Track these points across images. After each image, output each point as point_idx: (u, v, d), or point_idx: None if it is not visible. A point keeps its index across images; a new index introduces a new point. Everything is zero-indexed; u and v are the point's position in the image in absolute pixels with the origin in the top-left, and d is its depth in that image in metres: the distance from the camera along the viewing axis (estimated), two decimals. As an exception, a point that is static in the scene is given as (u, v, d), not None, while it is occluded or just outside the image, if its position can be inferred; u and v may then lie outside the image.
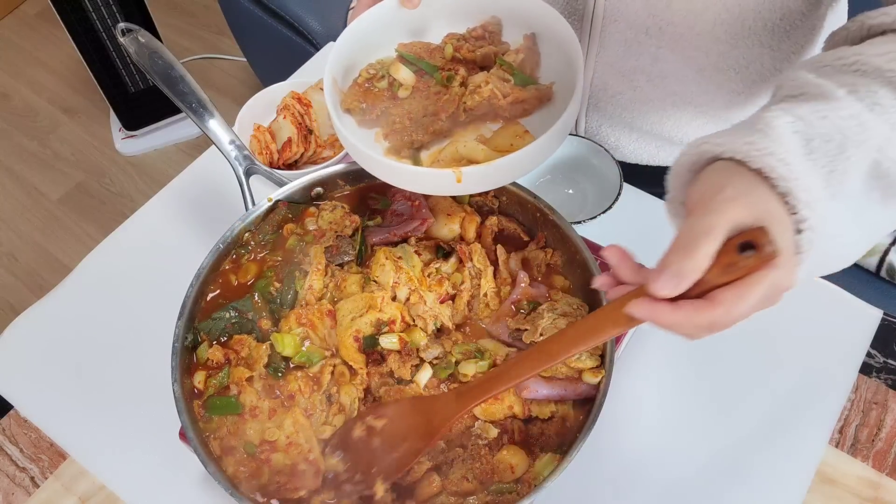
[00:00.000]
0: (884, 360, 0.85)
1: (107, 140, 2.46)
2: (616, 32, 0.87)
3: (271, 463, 0.66)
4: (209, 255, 0.75)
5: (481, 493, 0.65)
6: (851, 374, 0.84)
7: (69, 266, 1.02)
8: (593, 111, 1.01)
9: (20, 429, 0.86)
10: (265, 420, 0.68)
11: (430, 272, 0.75)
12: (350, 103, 0.77)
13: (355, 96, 0.77)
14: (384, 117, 0.76)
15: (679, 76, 0.90)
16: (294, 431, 0.67)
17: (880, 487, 0.77)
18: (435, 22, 0.81)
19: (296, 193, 0.81)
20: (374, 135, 0.77)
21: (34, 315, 0.95)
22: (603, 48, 0.90)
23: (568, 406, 0.70)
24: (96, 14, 2.08)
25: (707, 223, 0.49)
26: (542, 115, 0.76)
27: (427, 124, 0.74)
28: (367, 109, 0.76)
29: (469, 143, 0.73)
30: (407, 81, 0.77)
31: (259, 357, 0.70)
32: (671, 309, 0.50)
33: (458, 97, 0.74)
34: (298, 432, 0.67)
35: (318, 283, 0.75)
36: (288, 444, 0.66)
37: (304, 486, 0.65)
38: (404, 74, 0.77)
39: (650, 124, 0.98)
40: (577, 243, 0.74)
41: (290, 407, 0.69)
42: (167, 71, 0.82)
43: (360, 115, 0.77)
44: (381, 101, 0.76)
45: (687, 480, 0.78)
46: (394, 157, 0.74)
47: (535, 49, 0.78)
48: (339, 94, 0.77)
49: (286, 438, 0.67)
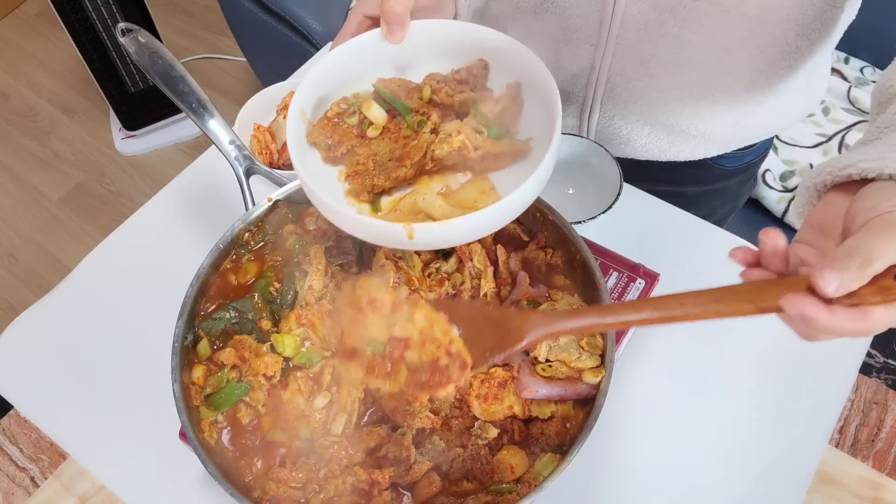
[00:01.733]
0: (884, 360, 0.85)
1: (107, 140, 2.46)
2: (638, 13, 0.86)
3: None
4: (209, 255, 0.75)
5: (481, 493, 0.65)
6: (851, 374, 0.84)
7: (69, 266, 1.02)
8: (608, 98, 0.99)
9: (20, 429, 0.86)
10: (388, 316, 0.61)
11: (430, 272, 0.75)
12: (316, 137, 0.73)
13: (323, 130, 0.73)
14: (349, 156, 0.72)
15: (700, 61, 0.89)
16: (427, 325, 0.60)
17: (880, 487, 0.77)
18: (421, 58, 0.75)
19: (296, 193, 0.81)
20: (337, 172, 0.73)
21: (34, 315, 0.95)
22: (624, 28, 0.88)
23: (568, 406, 0.70)
24: (96, 14, 2.08)
25: (885, 241, 0.49)
26: (516, 170, 0.70)
27: (391, 169, 0.69)
28: (333, 146, 0.72)
29: (429, 196, 0.69)
30: (378, 121, 0.72)
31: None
32: (828, 312, 0.50)
33: (427, 144, 0.69)
34: (433, 325, 0.60)
35: (318, 283, 0.75)
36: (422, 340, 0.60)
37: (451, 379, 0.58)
38: (376, 113, 0.72)
39: (665, 115, 0.97)
40: (577, 243, 0.74)
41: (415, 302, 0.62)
42: (167, 71, 0.82)
43: (325, 150, 0.73)
44: (349, 139, 0.72)
45: (686, 480, 0.78)
46: (353, 200, 0.70)
47: (518, 100, 0.73)
48: (307, 125, 0.73)
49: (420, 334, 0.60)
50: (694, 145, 1.01)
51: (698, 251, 0.93)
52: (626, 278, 0.83)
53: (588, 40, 0.92)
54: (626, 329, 0.59)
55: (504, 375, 0.70)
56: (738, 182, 1.17)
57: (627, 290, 0.82)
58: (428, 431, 0.69)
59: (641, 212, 0.96)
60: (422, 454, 0.68)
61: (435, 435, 0.69)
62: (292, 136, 0.68)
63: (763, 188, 1.91)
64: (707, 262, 0.92)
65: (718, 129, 0.97)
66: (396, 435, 0.68)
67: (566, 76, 0.98)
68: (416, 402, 0.69)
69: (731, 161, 1.09)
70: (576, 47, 0.93)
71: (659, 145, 1.02)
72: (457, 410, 0.70)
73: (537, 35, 0.96)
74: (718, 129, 0.97)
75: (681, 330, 0.87)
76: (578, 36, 0.92)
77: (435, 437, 0.69)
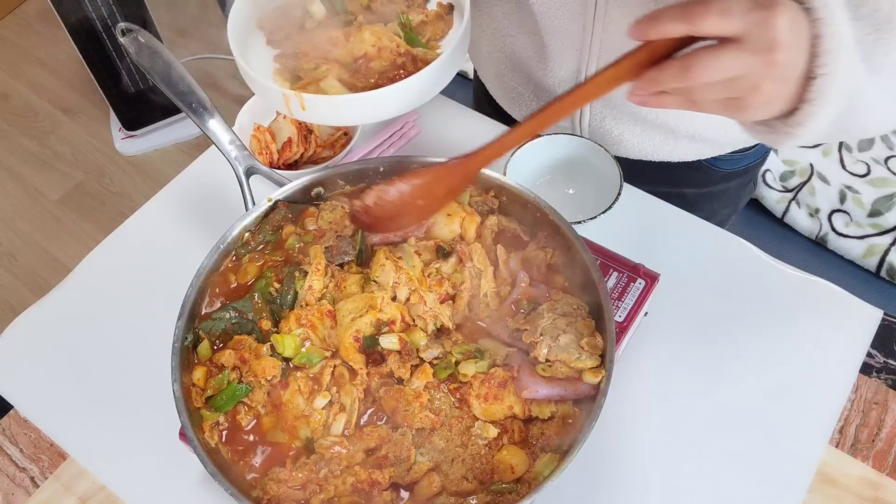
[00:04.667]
0: (884, 360, 0.85)
1: (107, 140, 2.46)
2: (620, 18, 0.86)
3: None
4: (209, 255, 0.75)
5: (481, 493, 0.65)
6: (851, 374, 0.84)
7: (69, 266, 1.02)
8: (597, 101, 1.00)
9: (20, 429, 0.86)
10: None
11: (430, 272, 0.75)
12: (264, 22, 0.87)
13: (271, 18, 0.86)
14: (286, 41, 0.85)
15: None
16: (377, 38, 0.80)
17: (880, 487, 0.77)
18: None
19: (296, 193, 0.81)
20: (274, 55, 0.85)
21: (34, 315, 0.95)
22: (607, 33, 0.89)
23: (568, 406, 0.70)
24: (96, 14, 2.08)
25: (726, 2, 0.54)
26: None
27: (318, 59, 0.82)
28: (276, 31, 0.85)
29: (331, 80, 0.80)
30: (316, 15, 0.85)
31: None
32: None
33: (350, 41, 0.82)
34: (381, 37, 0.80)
35: (318, 283, 0.75)
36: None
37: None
38: (316, 8, 0.85)
39: (654, 114, 0.97)
40: (577, 243, 0.74)
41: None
42: (167, 71, 0.82)
43: (269, 34, 0.86)
44: (290, 27, 0.85)
45: (687, 480, 0.78)
46: (278, 78, 0.83)
47: (446, 19, 0.86)
48: (259, 10, 0.86)
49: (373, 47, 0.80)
50: (686, 144, 1.01)
51: (698, 251, 0.93)
52: (626, 278, 0.83)
53: (573, 45, 0.93)
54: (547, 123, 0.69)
55: (504, 375, 0.70)
56: (737, 185, 1.17)
57: (627, 289, 0.82)
58: (428, 431, 0.69)
59: (641, 212, 0.96)
60: (422, 454, 0.68)
61: (435, 435, 0.69)
62: (235, 14, 0.83)
63: (763, 188, 1.91)
64: (707, 262, 0.92)
65: (710, 131, 0.97)
66: (396, 435, 0.68)
67: (554, 80, 0.99)
68: (416, 401, 0.69)
69: (729, 163, 1.09)
70: (561, 51, 0.94)
71: (651, 144, 1.02)
72: (457, 410, 0.70)
73: (526, 32, 0.97)
74: (710, 131, 0.97)
75: (681, 331, 0.87)
76: (563, 41, 0.93)
77: (435, 437, 0.69)
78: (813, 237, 1.85)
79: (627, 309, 0.81)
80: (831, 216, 1.85)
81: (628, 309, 0.81)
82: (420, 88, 0.78)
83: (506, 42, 1.03)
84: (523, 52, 1.02)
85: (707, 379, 0.84)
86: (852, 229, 1.82)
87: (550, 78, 1.00)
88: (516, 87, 1.09)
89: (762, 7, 0.54)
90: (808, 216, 1.86)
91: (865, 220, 1.84)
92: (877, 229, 1.82)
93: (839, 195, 1.88)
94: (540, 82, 1.04)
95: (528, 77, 1.06)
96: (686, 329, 0.88)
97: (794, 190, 1.89)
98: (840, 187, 1.90)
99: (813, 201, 1.87)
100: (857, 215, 1.85)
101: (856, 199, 1.87)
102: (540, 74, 1.02)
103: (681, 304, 0.89)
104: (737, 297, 0.89)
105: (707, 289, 0.90)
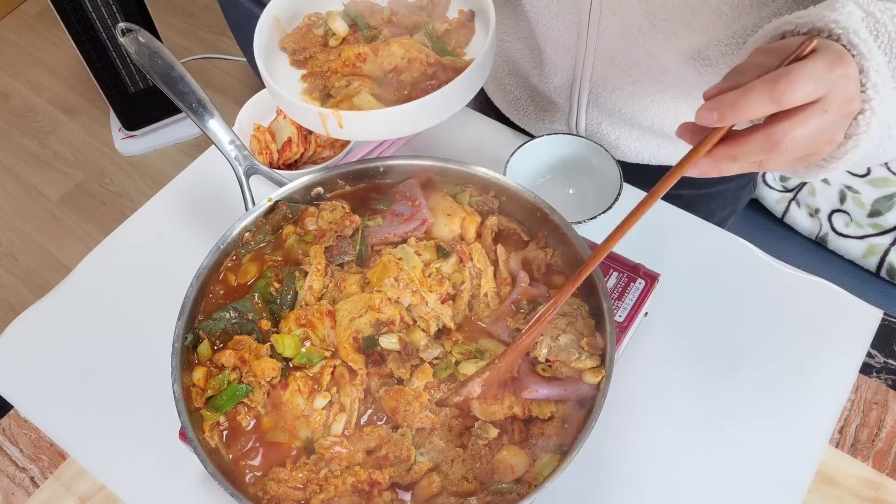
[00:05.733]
0: (884, 360, 0.85)
1: (107, 140, 2.46)
2: (614, 26, 0.87)
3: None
4: (209, 255, 0.75)
5: (481, 493, 0.65)
6: (851, 374, 0.84)
7: (69, 266, 1.02)
8: (593, 107, 1.00)
9: (20, 429, 0.86)
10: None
11: (430, 272, 0.75)
12: (287, 43, 0.86)
13: (293, 38, 0.85)
14: (311, 61, 0.84)
15: (677, 71, 0.90)
16: (405, 51, 0.79)
17: (880, 487, 0.77)
18: None
19: (296, 193, 0.81)
20: (300, 75, 0.84)
21: (34, 315, 0.95)
22: (601, 41, 0.89)
23: (568, 406, 0.70)
24: (96, 14, 2.08)
25: (807, 70, 0.53)
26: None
27: (348, 76, 0.80)
28: (298, 51, 0.85)
29: (364, 95, 0.78)
30: (339, 32, 0.84)
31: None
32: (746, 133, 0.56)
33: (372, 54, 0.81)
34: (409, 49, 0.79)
35: (317, 283, 0.75)
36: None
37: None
38: (338, 25, 0.84)
39: (651, 119, 0.98)
40: (577, 243, 0.74)
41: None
42: (167, 71, 0.82)
43: (292, 55, 0.85)
44: (313, 46, 0.85)
45: (687, 480, 0.78)
46: (307, 98, 0.82)
47: (469, 26, 0.84)
48: (281, 33, 0.86)
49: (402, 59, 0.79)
50: (683, 148, 1.01)
51: (698, 251, 0.93)
52: (626, 278, 0.83)
53: (568, 53, 0.93)
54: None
55: (504, 375, 0.69)
56: (735, 186, 1.17)
57: (627, 290, 0.82)
58: (428, 431, 0.69)
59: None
60: (422, 454, 0.68)
61: (435, 435, 0.69)
62: (260, 38, 0.82)
63: (763, 188, 1.91)
64: (707, 262, 0.92)
65: None
66: (396, 435, 0.68)
67: (550, 87, 0.99)
68: (417, 402, 0.69)
69: None
70: (556, 59, 0.94)
71: (648, 149, 1.03)
72: (457, 410, 0.70)
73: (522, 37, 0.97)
74: None
75: (681, 331, 0.88)
76: (558, 49, 0.93)
77: (435, 437, 0.69)
78: (813, 237, 1.85)
79: (627, 309, 0.82)
80: (831, 216, 1.85)
81: (628, 309, 0.82)
82: (456, 95, 0.76)
83: (504, 47, 1.03)
84: (520, 59, 1.02)
85: (707, 379, 0.84)
86: (852, 229, 1.82)
87: (546, 84, 1.00)
88: (514, 91, 1.10)
89: (838, 63, 0.54)
90: (808, 216, 1.86)
91: (865, 220, 1.84)
92: (877, 229, 1.82)
93: (839, 195, 1.88)
94: (536, 88, 1.05)
95: (525, 82, 1.06)
96: (686, 329, 0.88)
97: (794, 190, 1.88)
98: (840, 187, 1.90)
99: (813, 201, 1.87)
100: (857, 215, 1.85)
101: (856, 199, 1.87)
102: (536, 80, 1.03)
103: (681, 304, 0.89)
104: (737, 298, 0.89)
105: (707, 289, 0.90)
